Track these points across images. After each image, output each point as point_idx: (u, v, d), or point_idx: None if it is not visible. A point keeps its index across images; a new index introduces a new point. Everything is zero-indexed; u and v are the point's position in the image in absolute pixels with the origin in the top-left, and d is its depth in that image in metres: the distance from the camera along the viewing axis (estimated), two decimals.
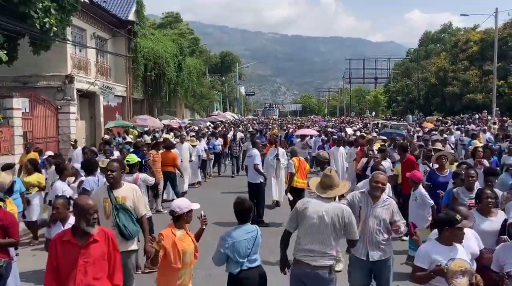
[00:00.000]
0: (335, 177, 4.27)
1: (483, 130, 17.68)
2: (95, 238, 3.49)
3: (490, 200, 4.60)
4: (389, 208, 4.60)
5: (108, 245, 3.56)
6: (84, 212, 3.45)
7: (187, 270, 4.21)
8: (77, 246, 3.44)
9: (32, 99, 16.45)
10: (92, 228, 3.46)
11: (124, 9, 25.90)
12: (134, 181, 6.70)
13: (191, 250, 4.23)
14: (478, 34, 41.82)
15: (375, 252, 4.54)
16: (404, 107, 49.50)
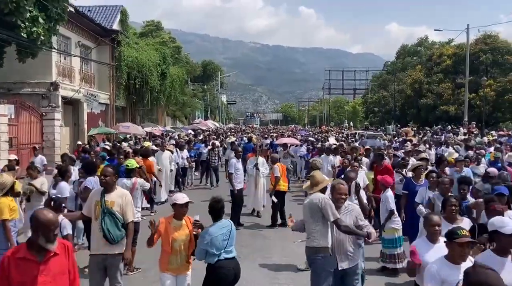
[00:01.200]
0: (317, 177, 5.09)
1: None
2: (55, 252, 3.30)
3: (453, 207, 4.88)
4: (353, 213, 4.94)
5: (68, 257, 3.40)
6: (44, 227, 3.22)
7: (178, 256, 4.67)
8: (35, 262, 3.21)
9: (18, 106, 16.74)
10: (51, 245, 3.24)
11: (108, 19, 26.33)
12: (133, 185, 7.13)
13: (182, 240, 4.66)
14: (451, 48, 43.54)
15: (344, 261, 4.88)
16: (380, 118, 50.90)
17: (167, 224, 4.72)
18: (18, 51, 16.41)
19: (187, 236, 4.72)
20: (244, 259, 7.19)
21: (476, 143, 18.72)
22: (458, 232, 3.58)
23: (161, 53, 29.69)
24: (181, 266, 4.73)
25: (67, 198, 7.22)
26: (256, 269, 7.10)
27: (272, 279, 6.78)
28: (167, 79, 31.11)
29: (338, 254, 4.85)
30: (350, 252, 4.89)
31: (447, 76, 41.74)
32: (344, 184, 5.10)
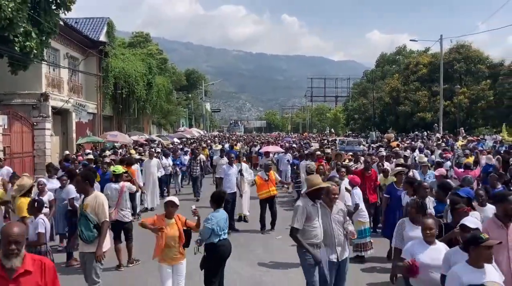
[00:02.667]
0: (310, 180, 5.60)
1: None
2: (27, 270, 3.12)
3: (413, 209, 5.21)
4: (340, 207, 5.50)
5: (43, 276, 3.19)
6: (3, 240, 3.13)
7: (171, 249, 5.51)
8: (6, 279, 3.08)
9: (11, 116, 17.36)
10: (7, 261, 3.07)
11: (95, 30, 27.07)
12: (121, 188, 7.88)
13: (174, 235, 5.50)
14: (427, 57, 45.34)
15: (343, 252, 5.40)
16: (361, 125, 52.41)
17: (162, 220, 5.57)
18: (10, 63, 17.06)
19: (177, 231, 5.56)
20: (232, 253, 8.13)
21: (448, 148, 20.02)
22: (482, 236, 3.65)
23: (147, 64, 30.52)
24: (176, 257, 5.56)
25: (74, 198, 8.00)
26: (243, 260, 8.01)
27: (256, 269, 7.70)
28: (153, 88, 31.92)
29: (338, 247, 5.32)
30: (345, 244, 5.42)
31: (423, 85, 43.48)
32: (335, 184, 5.68)
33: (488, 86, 39.93)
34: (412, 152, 18.88)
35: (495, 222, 4.67)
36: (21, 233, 3.15)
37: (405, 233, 5.06)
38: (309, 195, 5.40)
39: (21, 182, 6.61)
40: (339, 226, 5.36)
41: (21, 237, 3.12)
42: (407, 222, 5.19)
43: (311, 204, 5.33)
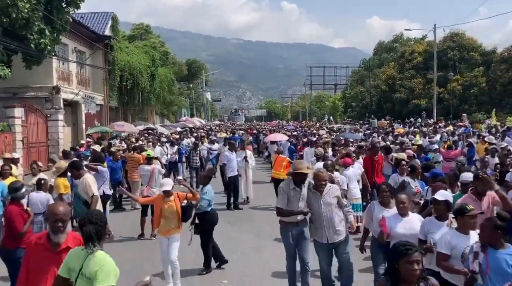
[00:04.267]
0: (294, 164, 6.18)
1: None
2: (69, 246, 3.47)
3: (385, 193, 5.62)
4: (334, 193, 5.63)
5: None
6: (50, 218, 3.55)
7: (167, 222, 6.33)
8: (50, 251, 3.47)
9: (27, 109, 18.63)
10: (54, 236, 3.46)
11: (100, 25, 28.17)
12: (152, 170, 9.32)
13: (170, 211, 6.33)
14: (422, 46, 46.36)
15: (334, 236, 5.50)
16: (358, 113, 53.60)
17: (161, 198, 6.49)
18: (24, 59, 18.26)
19: (174, 207, 6.35)
20: (234, 224, 9.53)
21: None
22: (467, 207, 4.26)
23: (150, 56, 31.71)
24: (171, 229, 6.33)
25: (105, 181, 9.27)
26: (244, 231, 9.38)
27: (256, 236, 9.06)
28: (156, 80, 33.14)
29: (328, 229, 5.48)
30: (338, 227, 5.51)
31: (418, 72, 44.61)
32: (323, 171, 5.98)
33: (481, 73, 41.05)
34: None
35: (470, 197, 5.49)
36: (66, 212, 3.55)
37: (374, 215, 5.53)
38: (293, 178, 5.79)
39: (58, 164, 7.96)
40: (331, 209, 5.51)
41: (66, 216, 3.52)
42: (376, 205, 5.66)
43: (292, 187, 5.67)
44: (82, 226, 3.20)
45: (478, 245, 3.92)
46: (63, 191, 7.72)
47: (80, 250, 3.26)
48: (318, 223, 5.54)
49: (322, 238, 5.51)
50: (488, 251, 3.82)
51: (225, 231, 9.44)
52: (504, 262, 3.73)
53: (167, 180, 6.69)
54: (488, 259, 3.78)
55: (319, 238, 5.56)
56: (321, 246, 5.54)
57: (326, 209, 5.49)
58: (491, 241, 3.85)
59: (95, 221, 3.20)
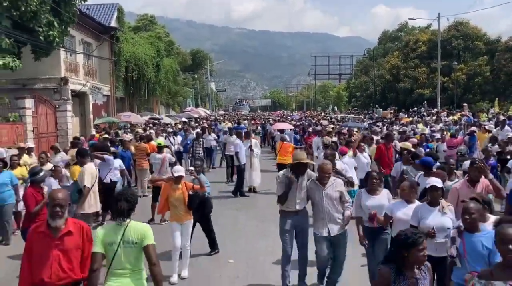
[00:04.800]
0: (294, 154, 6.20)
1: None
2: (70, 230, 3.66)
3: (374, 180, 5.64)
4: (337, 187, 5.60)
5: (82, 237, 3.72)
6: (49, 203, 3.70)
7: (177, 209, 6.51)
8: (51, 237, 3.61)
9: (36, 100, 19.05)
10: (52, 220, 3.61)
11: (106, 16, 28.46)
12: (163, 158, 9.82)
13: (177, 198, 6.47)
14: (426, 35, 46.30)
15: (334, 227, 5.50)
16: (362, 102, 53.75)
17: (169, 186, 6.65)
18: (33, 51, 18.63)
19: (181, 195, 6.51)
20: (240, 210, 9.98)
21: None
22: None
23: (155, 47, 32.01)
24: (183, 216, 6.52)
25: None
26: (249, 216, 9.79)
27: (260, 221, 9.47)
28: (161, 71, 33.48)
29: (329, 222, 5.49)
30: (338, 220, 5.50)
31: (422, 62, 44.62)
32: (328, 163, 5.76)
33: (485, 62, 41.05)
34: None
35: (465, 183, 5.75)
36: (65, 198, 3.70)
37: (362, 203, 5.57)
38: (291, 168, 5.74)
39: (74, 153, 8.36)
40: (332, 202, 5.51)
41: (64, 201, 3.66)
42: (363, 193, 5.68)
43: (290, 176, 5.66)
44: (118, 201, 3.73)
45: (455, 231, 4.13)
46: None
47: (113, 225, 3.80)
48: (319, 216, 5.56)
49: (322, 230, 5.52)
50: (464, 235, 4.03)
51: (232, 217, 9.94)
52: (480, 245, 3.92)
53: (180, 167, 6.88)
54: (464, 243, 3.98)
55: (319, 231, 5.56)
56: (322, 238, 5.54)
57: (328, 202, 5.49)
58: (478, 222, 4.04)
59: (130, 200, 3.77)
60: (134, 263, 3.72)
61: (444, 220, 4.74)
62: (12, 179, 8.54)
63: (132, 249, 3.69)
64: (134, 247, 3.70)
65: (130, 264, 3.70)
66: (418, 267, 3.24)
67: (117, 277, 3.69)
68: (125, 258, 3.68)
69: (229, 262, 7.06)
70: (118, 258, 3.68)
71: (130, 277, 3.70)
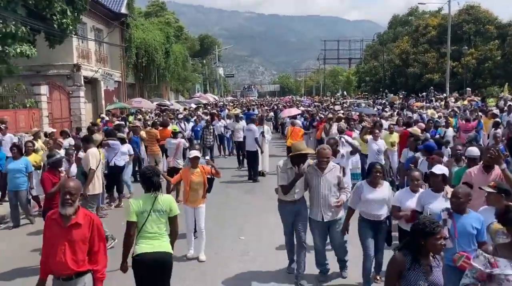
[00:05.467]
0: (296, 145, 5.98)
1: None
2: (78, 222, 3.69)
3: (378, 173, 5.37)
4: (335, 172, 5.59)
5: (91, 230, 3.75)
6: (61, 190, 3.77)
7: (195, 193, 6.61)
8: (61, 226, 3.68)
9: (51, 86, 19.52)
10: (62, 208, 3.68)
11: (117, 3, 28.70)
12: (178, 143, 10.21)
13: (197, 181, 6.59)
14: (436, 19, 45.88)
15: (328, 213, 5.52)
16: (371, 87, 53.62)
17: (187, 171, 6.74)
18: (47, 38, 19.02)
19: (201, 178, 6.64)
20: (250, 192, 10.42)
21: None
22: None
23: (165, 33, 32.28)
24: (197, 200, 6.63)
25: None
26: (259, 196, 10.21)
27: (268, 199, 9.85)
28: (170, 57, 33.78)
29: (324, 207, 5.50)
30: (334, 206, 5.50)
31: (432, 46, 44.32)
32: (326, 148, 5.73)
33: (496, 46, 40.67)
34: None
35: (480, 169, 5.60)
36: (76, 187, 3.78)
37: (363, 195, 5.36)
38: (291, 158, 5.70)
39: (95, 137, 8.80)
40: (329, 188, 5.50)
41: (75, 190, 3.73)
42: (365, 185, 5.45)
43: (289, 166, 5.66)
44: (151, 176, 4.39)
45: (445, 213, 4.24)
46: None
47: (144, 197, 4.42)
48: (315, 200, 5.57)
49: (317, 216, 5.54)
50: (454, 217, 4.20)
51: (242, 197, 10.48)
52: (470, 226, 4.14)
53: (195, 151, 6.98)
54: (455, 224, 4.16)
55: (314, 216, 5.59)
56: (316, 224, 5.58)
57: (325, 187, 5.48)
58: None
59: (159, 174, 4.56)
60: (161, 228, 4.39)
61: (448, 206, 4.58)
62: (28, 166, 8.81)
63: (160, 217, 4.37)
64: (162, 215, 4.38)
65: (158, 228, 4.36)
66: (433, 256, 3.32)
67: (147, 239, 4.32)
68: (154, 223, 4.34)
69: (240, 238, 7.51)
70: (149, 223, 4.32)
71: (158, 238, 4.35)
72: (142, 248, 4.29)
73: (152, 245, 4.30)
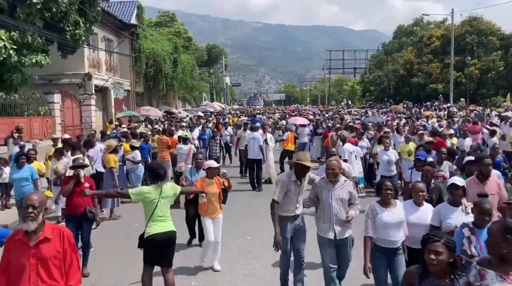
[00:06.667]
0: (299, 156, 5.68)
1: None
2: (46, 237, 3.36)
3: (389, 191, 4.72)
4: (347, 188, 5.22)
5: (62, 244, 3.42)
6: (23, 204, 3.42)
7: (211, 204, 6.57)
8: (28, 245, 3.33)
9: (63, 95, 20.23)
10: (24, 223, 3.32)
11: (127, 14, 29.56)
12: (189, 148, 10.73)
13: (214, 193, 6.55)
14: (440, 30, 46.50)
15: (341, 230, 5.12)
16: (376, 97, 54.16)
17: (203, 182, 6.61)
18: (60, 48, 19.75)
19: (217, 189, 6.62)
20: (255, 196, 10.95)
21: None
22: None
23: (173, 43, 33.08)
24: (215, 211, 6.63)
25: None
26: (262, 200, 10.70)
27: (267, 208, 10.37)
28: (178, 66, 34.56)
29: (336, 225, 5.09)
30: (346, 223, 5.13)
31: (436, 57, 44.91)
32: (334, 160, 5.35)
33: (499, 57, 41.14)
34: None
35: (474, 180, 5.49)
36: (40, 200, 3.40)
37: (379, 219, 4.68)
38: (295, 168, 5.45)
39: (109, 143, 9.42)
40: (341, 204, 5.15)
41: (38, 203, 3.36)
42: (377, 207, 4.78)
43: (293, 179, 5.40)
44: (157, 170, 5.29)
45: (467, 230, 3.91)
46: (113, 165, 9.20)
47: (152, 187, 5.29)
48: (326, 216, 5.16)
49: (329, 233, 5.13)
50: (476, 232, 3.85)
51: (247, 201, 11.04)
52: None
53: (212, 161, 7.05)
54: (479, 240, 3.81)
55: (324, 233, 5.16)
56: (327, 241, 5.14)
57: (337, 202, 5.12)
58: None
59: (164, 168, 5.52)
60: (167, 211, 5.30)
61: (468, 220, 4.21)
62: (33, 173, 8.52)
63: (167, 202, 5.31)
64: (168, 200, 5.33)
65: (166, 212, 5.28)
66: (454, 276, 2.97)
67: (157, 222, 5.20)
68: (163, 208, 5.24)
69: (246, 238, 8.01)
70: (158, 209, 5.19)
71: (165, 221, 5.26)
72: (154, 229, 5.17)
73: (161, 226, 5.20)
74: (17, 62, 15.43)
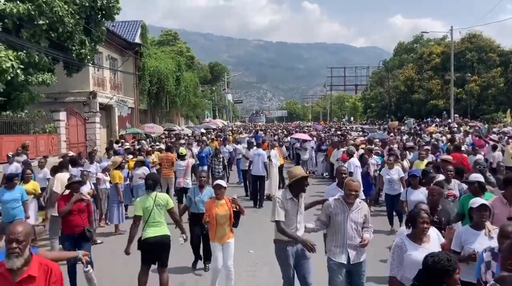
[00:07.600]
0: (290, 171, 5.34)
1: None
2: (31, 275, 2.97)
3: (425, 224, 4.07)
4: (363, 211, 4.91)
5: (47, 282, 3.04)
6: (5, 238, 3.00)
7: (220, 228, 6.10)
8: (9, 281, 2.95)
9: (68, 112, 20.54)
10: (7, 260, 2.93)
11: (131, 33, 30.14)
12: (187, 164, 10.99)
13: (223, 215, 6.09)
14: (440, 47, 47.03)
15: (355, 254, 4.81)
16: (377, 113, 54.47)
17: (212, 204, 6.20)
18: (65, 67, 20.13)
19: (227, 211, 6.13)
20: (257, 211, 11.07)
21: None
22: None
23: (176, 61, 33.61)
24: (225, 235, 6.13)
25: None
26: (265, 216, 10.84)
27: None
28: (181, 84, 35.03)
29: (350, 248, 4.82)
30: (360, 248, 4.85)
31: (436, 73, 45.33)
32: (355, 180, 5.04)
33: (499, 73, 41.52)
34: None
35: (501, 200, 5.15)
36: (25, 232, 2.99)
37: (406, 256, 4.02)
38: (290, 187, 5.11)
39: (114, 159, 9.65)
40: (355, 227, 4.85)
41: (23, 236, 2.96)
42: (407, 241, 4.10)
43: (289, 197, 5.07)
44: (147, 180, 6.13)
45: (489, 254, 3.71)
46: (118, 181, 9.41)
47: (146, 196, 5.99)
48: (338, 240, 4.85)
49: (341, 257, 4.83)
50: (499, 258, 3.54)
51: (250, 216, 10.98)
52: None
53: (220, 180, 6.56)
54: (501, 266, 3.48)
55: (337, 257, 4.85)
56: (339, 266, 4.82)
57: (352, 225, 4.82)
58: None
59: (154, 179, 6.24)
60: (161, 217, 5.92)
61: (492, 245, 3.89)
62: (23, 195, 8.15)
63: (161, 210, 5.92)
64: (162, 208, 5.94)
65: (160, 218, 5.90)
66: None
67: (151, 227, 5.82)
68: (157, 215, 5.86)
69: (249, 252, 8.18)
70: (153, 215, 5.83)
71: (159, 226, 5.87)
72: (148, 233, 5.78)
73: (155, 231, 5.80)
74: (24, 81, 15.76)
